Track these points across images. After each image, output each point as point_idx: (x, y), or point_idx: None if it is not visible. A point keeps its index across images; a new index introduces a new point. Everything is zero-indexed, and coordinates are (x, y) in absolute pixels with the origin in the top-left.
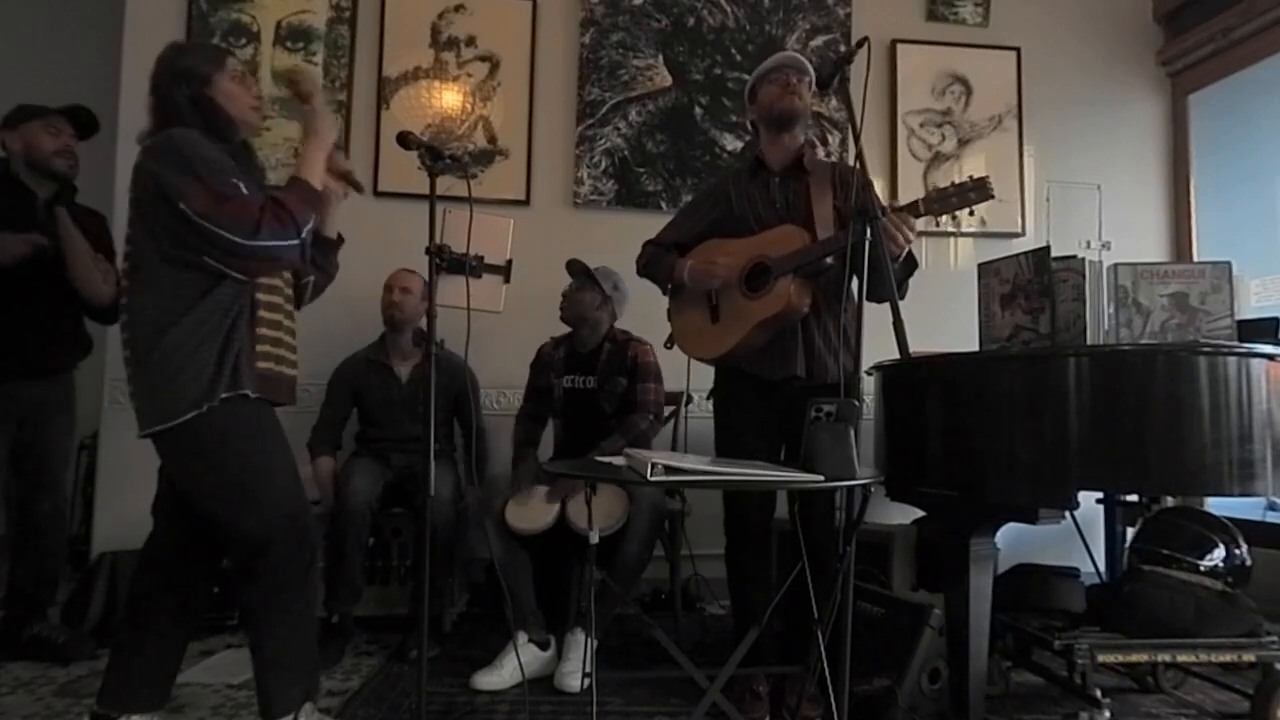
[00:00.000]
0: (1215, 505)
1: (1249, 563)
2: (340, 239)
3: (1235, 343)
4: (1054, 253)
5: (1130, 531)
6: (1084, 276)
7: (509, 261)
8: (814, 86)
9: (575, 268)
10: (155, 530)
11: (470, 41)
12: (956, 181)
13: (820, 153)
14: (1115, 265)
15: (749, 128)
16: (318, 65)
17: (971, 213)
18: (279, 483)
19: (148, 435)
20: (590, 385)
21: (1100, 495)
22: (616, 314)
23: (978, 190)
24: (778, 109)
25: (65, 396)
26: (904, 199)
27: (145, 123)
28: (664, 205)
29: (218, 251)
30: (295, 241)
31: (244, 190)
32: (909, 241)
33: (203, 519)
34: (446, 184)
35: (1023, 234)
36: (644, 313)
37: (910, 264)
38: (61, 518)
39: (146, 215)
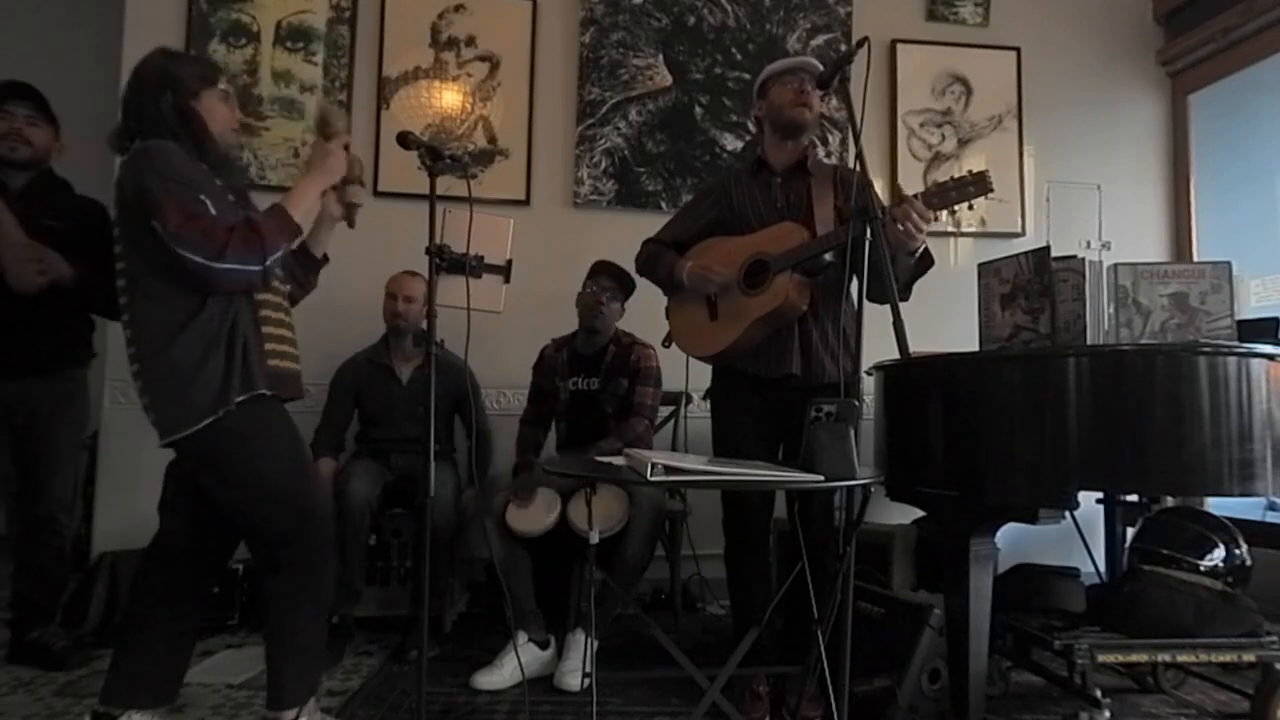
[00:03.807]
0: (1215, 505)
1: (1249, 563)
2: (325, 259)
3: (1235, 343)
4: (1054, 253)
5: (1130, 531)
6: (1084, 276)
7: (509, 261)
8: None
9: (610, 271)
10: (162, 529)
11: (470, 41)
12: (956, 176)
13: (820, 153)
14: (1115, 265)
15: (753, 123)
16: (318, 65)
17: (971, 207)
18: (298, 478)
19: (168, 444)
20: (594, 387)
21: (1100, 495)
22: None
23: (977, 184)
24: (787, 116)
25: (67, 397)
26: None
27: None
28: (664, 205)
29: (183, 270)
30: (257, 268)
31: (212, 211)
32: (922, 231)
33: (220, 517)
34: (446, 184)
35: (1023, 234)
36: (640, 309)
37: (926, 260)
38: (56, 522)
39: (130, 228)
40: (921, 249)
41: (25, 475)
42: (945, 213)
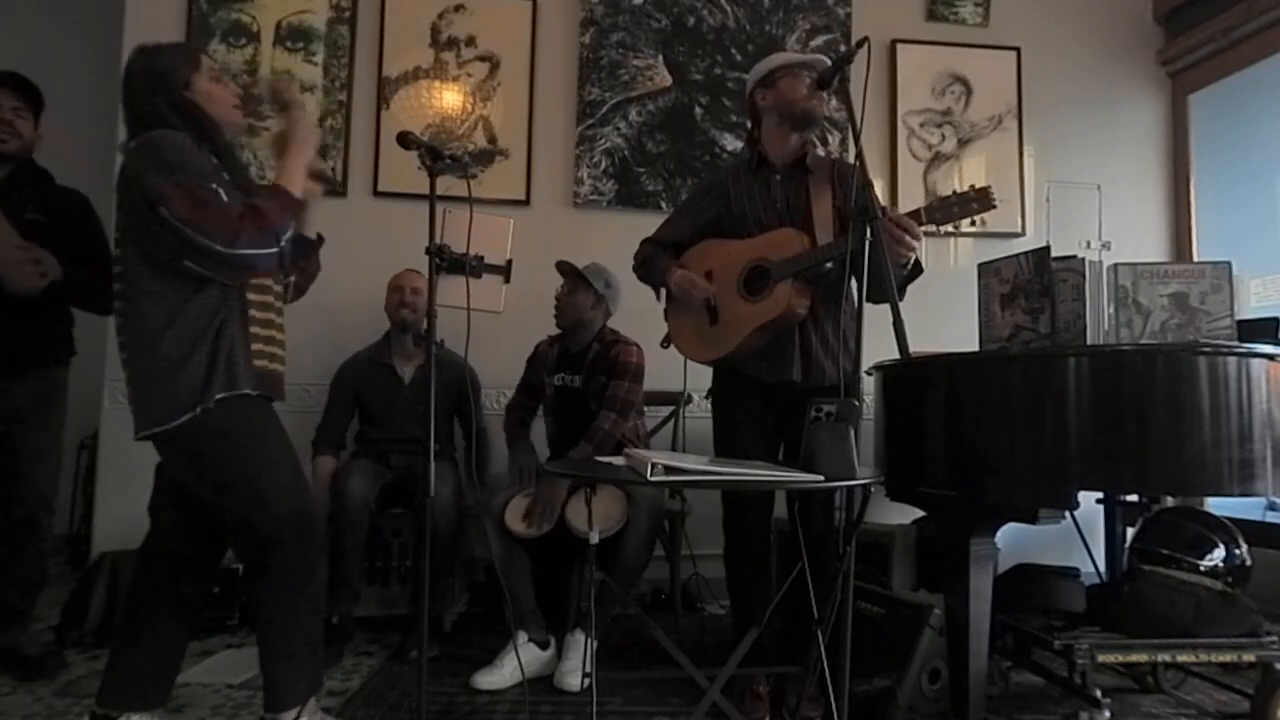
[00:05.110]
0: (1215, 505)
1: (1249, 563)
2: (320, 239)
3: (1235, 343)
4: (1054, 253)
5: (1130, 531)
6: (1084, 276)
7: (509, 261)
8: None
9: (564, 269)
10: (153, 530)
11: (470, 41)
12: (959, 190)
13: (820, 152)
14: (1115, 265)
15: (750, 117)
16: (318, 65)
17: (974, 222)
18: (284, 478)
19: (145, 438)
20: (577, 384)
21: (1100, 495)
22: (610, 311)
23: (980, 200)
24: (802, 108)
25: (47, 395)
26: (904, 199)
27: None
28: (664, 205)
29: (197, 257)
30: (273, 250)
31: (224, 197)
32: (912, 249)
33: (208, 517)
34: (446, 184)
35: (1023, 234)
36: (638, 309)
37: (916, 270)
38: (37, 524)
39: (132, 220)
40: (913, 260)
41: (4, 476)
42: None
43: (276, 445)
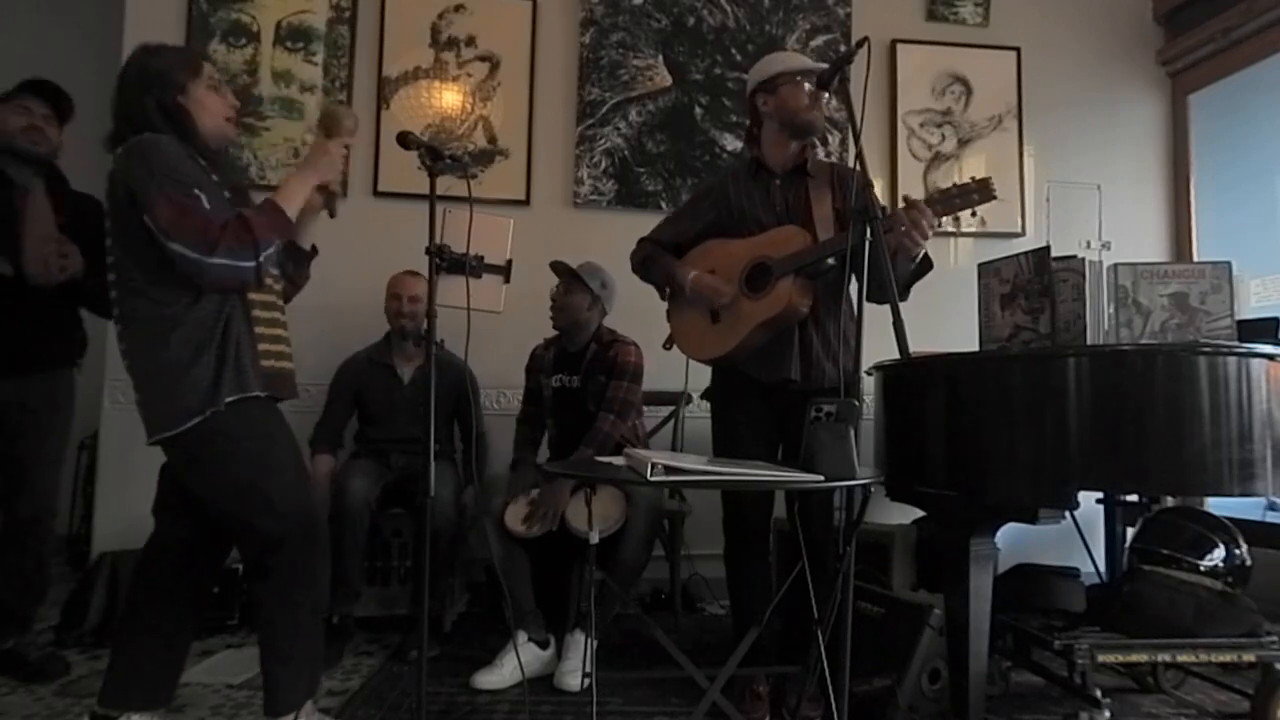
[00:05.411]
0: (1215, 505)
1: (1249, 563)
2: (314, 250)
3: (1235, 343)
4: (1054, 253)
5: (1130, 531)
6: (1084, 276)
7: (509, 261)
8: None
9: (559, 269)
10: (157, 530)
11: (470, 41)
12: (959, 182)
13: (820, 153)
14: (1115, 265)
15: (750, 117)
16: (318, 65)
17: (974, 214)
18: (289, 480)
19: (156, 442)
20: (575, 384)
21: (1100, 495)
22: (606, 310)
23: (980, 191)
24: (803, 119)
25: (52, 396)
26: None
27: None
28: (664, 205)
29: (176, 266)
30: (250, 264)
31: (205, 205)
32: (927, 237)
33: (212, 519)
34: (446, 184)
35: (1023, 234)
36: (639, 309)
37: (925, 264)
38: (40, 525)
39: (123, 224)
40: (922, 254)
41: (10, 476)
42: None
43: (281, 447)
